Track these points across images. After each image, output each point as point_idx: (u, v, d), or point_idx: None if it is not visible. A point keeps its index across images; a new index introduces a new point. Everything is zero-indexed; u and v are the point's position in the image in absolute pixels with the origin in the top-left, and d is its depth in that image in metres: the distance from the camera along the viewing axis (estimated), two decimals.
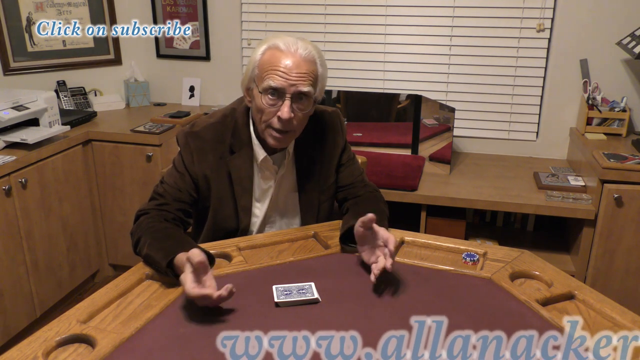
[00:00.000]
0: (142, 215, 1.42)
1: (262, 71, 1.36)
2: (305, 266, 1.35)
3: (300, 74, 1.34)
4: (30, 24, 2.76)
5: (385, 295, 1.23)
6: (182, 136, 1.48)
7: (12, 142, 2.28)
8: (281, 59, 1.35)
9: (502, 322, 1.12)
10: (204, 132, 1.47)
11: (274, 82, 1.34)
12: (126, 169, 2.63)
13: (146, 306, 1.18)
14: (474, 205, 2.27)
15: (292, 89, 1.35)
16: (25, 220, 2.27)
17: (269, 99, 1.36)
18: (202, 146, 1.46)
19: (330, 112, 1.60)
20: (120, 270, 2.56)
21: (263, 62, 1.37)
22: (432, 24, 2.68)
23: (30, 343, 1.05)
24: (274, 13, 2.87)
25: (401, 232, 1.50)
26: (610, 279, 2.20)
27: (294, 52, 1.35)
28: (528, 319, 1.14)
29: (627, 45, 2.33)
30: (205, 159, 1.46)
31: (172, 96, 3.15)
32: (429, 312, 1.16)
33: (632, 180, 2.09)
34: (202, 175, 1.47)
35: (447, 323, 0.85)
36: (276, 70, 1.34)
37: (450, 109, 2.46)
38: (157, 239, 1.30)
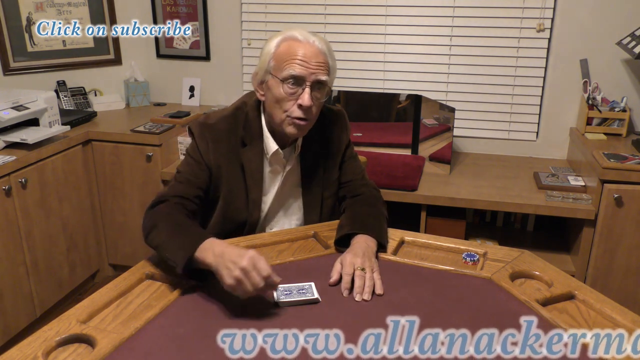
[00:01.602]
0: (161, 203, 1.39)
1: (281, 61, 1.38)
2: (305, 266, 1.35)
3: (319, 63, 1.38)
4: (30, 24, 2.76)
5: (385, 295, 1.23)
6: (196, 126, 1.49)
7: (12, 142, 2.28)
8: (299, 49, 1.38)
9: (502, 322, 1.12)
10: (219, 124, 1.48)
11: (294, 71, 1.36)
12: (126, 169, 2.63)
13: (146, 306, 1.18)
14: (474, 205, 2.27)
15: (312, 77, 1.37)
16: (25, 220, 2.27)
17: (289, 87, 1.38)
18: (217, 137, 1.47)
19: (337, 110, 1.64)
20: (120, 270, 2.55)
21: (280, 53, 1.39)
22: (432, 24, 2.68)
23: (30, 343, 1.05)
24: (274, 13, 2.87)
25: (401, 232, 1.50)
26: (610, 279, 2.20)
27: (312, 43, 1.39)
28: (528, 319, 1.14)
29: (627, 45, 2.33)
30: (219, 150, 1.47)
31: (172, 96, 3.15)
32: (429, 312, 1.16)
33: (632, 180, 2.09)
34: (216, 165, 1.47)
35: (419, 322, 0.97)
36: (296, 59, 1.37)
37: (450, 109, 2.46)
38: (174, 234, 1.27)
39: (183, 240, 1.23)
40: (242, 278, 1.09)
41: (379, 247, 1.40)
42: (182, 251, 1.19)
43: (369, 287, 1.23)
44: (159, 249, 1.29)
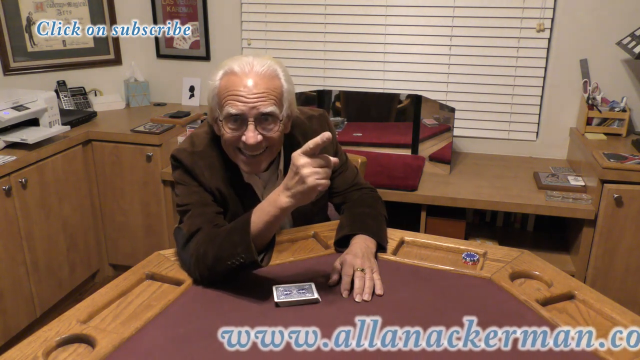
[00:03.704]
0: (195, 234, 1.29)
1: (221, 99, 1.30)
2: (305, 266, 1.35)
3: (259, 95, 1.26)
4: (30, 24, 2.76)
5: (385, 295, 1.23)
6: (187, 156, 1.38)
7: (12, 142, 2.29)
8: (237, 83, 1.27)
9: (501, 322, 1.12)
10: (208, 150, 1.40)
11: (233, 109, 1.27)
12: (126, 169, 2.63)
13: (146, 306, 1.18)
14: (474, 205, 2.27)
15: (253, 112, 1.27)
16: (25, 220, 2.27)
17: (231, 126, 1.29)
18: (210, 163, 1.40)
19: (317, 116, 1.54)
20: (120, 270, 2.56)
21: (221, 89, 1.30)
22: (432, 24, 2.68)
23: (30, 343, 1.05)
24: (274, 13, 2.87)
25: (401, 232, 1.50)
26: (610, 279, 2.20)
27: (249, 72, 1.28)
28: (528, 319, 1.14)
29: (627, 45, 2.33)
30: (216, 175, 1.40)
31: (172, 96, 3.15)
32: (429, 312, 1.16)
33: (632, 180, 2.09)
34: (217, 190, 1.40)
35: (381, 321, 1.09)
36: (234, 96, 1.27)
37: (450, 109, 2.46)
38: (221, 241, 1.22)
39: (232, 235, 1.20)
40: (312, 171, 1.11)
41: (379, 248, 1.40)
42: (240, 238, 1.18)
43: (369, 287, 1.23)
44: (219, 263, 1.21)
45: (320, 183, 1.12)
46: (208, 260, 1.23)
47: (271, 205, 1.18)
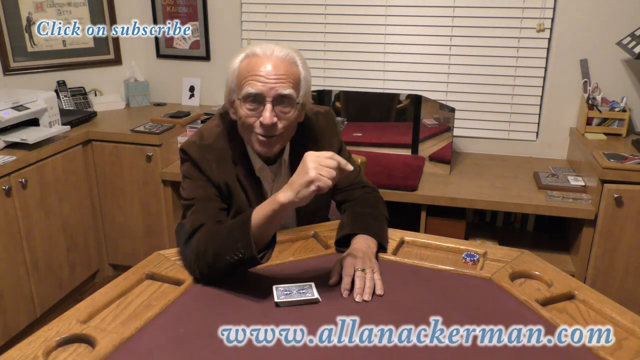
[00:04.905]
0: (197, 230, 1.30)
1: (241, 80, 1.33)
2: (305, 266, 1.35)
3: (278, 76, 1.30)
4: (30, 24, 2.76)
5: (385, 295, 1.23)
6: (195, 150, 1.40)
7: (12, 142, 2.29)
8: (258, 65, 1.31)
9: (501, 322, 1.12)
10: (217, 143, 1.42)
11: (252, 89, 1.30)
12: (126, 169, 2.63)
13: (146, 306, 1.18)
14: (474, 205, 2.27)
15: (271, 93, 1.30)
16: (25, 220, 2.27)
17: (249, 106, 1.32)
18: (219, 156, 1.41)
19: (324, 112, 1.57)
20: (120, 270, 2.56)
21: (241, 71, 1.33)
22: (432, 24, 2.68)
23: (30, 343, 1.05)
24: (274, 13, 2.87)
25: (401, 232, 1.50)
26: (610, 279, 2.20)
27: (270, 55, 1.32)
28: (528, 319, 1.14)
29: (627, 45, 2.33)
30: (224, 168, 1.42)
31: (172, 96, 3.15)
32: (429, 311, 1.16)
33: (632, 180, 2.09)
34: (224, 183, 1.42)
35: (359, 321, 1.14)
36: (254, 76, 1.30)
37: (450, 109, 2.46)
38: (222, 238, 1.24)
39: (233, 232, 1.21)
40: (317, 165, 1.13)
41: (379, 248, 1.40)
42: (240, 234, 1.19)
43: (369, 287, 1.23)
44: (219, 259, 1.22)
45: (321, 178, 1.13)
46: (208, 257, 1.24)
47: (271, 201, 1.20)
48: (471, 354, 1.05)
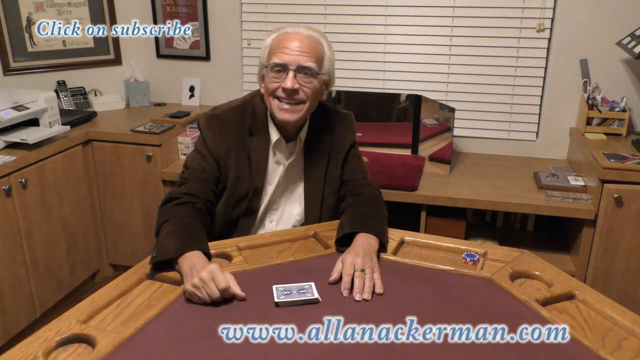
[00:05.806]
0: (173, 200, 1.47)
1: (271, 54, 1.48)
2: (305, 266, 1.35)
3: (302, 50, 1.45)
4: (30, 24, 2.76)
5: (385, 295, 1.23)
6: (203, 119, 1.56)
7: (12, 142, 2.28)
8: (287, 40, 1.47)
9: (501, 322, 1.12)
10: (226, 115, 1.56)
11: (278, 59, 1.45)
12: (126, 169, 2.63)
13: (146, 306, 1.18)
14: (474, 205, 2.27)
15: (295, 62, 1.44)
16: (25, 220, 2.27)
17: (275, 74, 1.46)
18: (224, 127, 1.54)
19: (344, 113, 1.70)
20: (120, 270, 2.56)
21: (272, 47, 1.49)
22: (432, 24, 2.68)
23: (30, 343, 1.05)
24: (274, 13, 2.87)
25: (401, 232, 1.50)
26: (610, 279, 2.20)
27: (298, 32, 1.48)
28: (528, 319, 1.14)
29: (627, 45, 2.33)
30: (227, 138, 1.54)
31: (172, 96, 3.15)
32: (429, 312, 1.16)
33: (632, 180, 2.09)
34: (225, 152, 1.53)
35: (344, 320, 1.15)
36: (282, 49, 1.45)
37: (450, 109, 2.46)
38: (174, 232, 1.36)
39: (178, 242, 1.32)
40: (199, 286, 1.17)
41: (380, 247, 1.40)
42: (171, 251, 1.29)
43: (369, 287, 1.23)
44: (157, 240, 1.38)
45: (190, 292, 1.18)
46: (156, 227, 1.43)
47: (188, 261, 1.26)
48: (471, 353, 1.05)
